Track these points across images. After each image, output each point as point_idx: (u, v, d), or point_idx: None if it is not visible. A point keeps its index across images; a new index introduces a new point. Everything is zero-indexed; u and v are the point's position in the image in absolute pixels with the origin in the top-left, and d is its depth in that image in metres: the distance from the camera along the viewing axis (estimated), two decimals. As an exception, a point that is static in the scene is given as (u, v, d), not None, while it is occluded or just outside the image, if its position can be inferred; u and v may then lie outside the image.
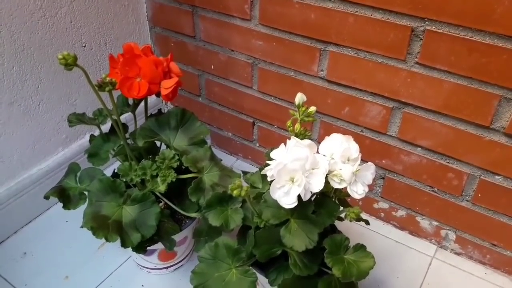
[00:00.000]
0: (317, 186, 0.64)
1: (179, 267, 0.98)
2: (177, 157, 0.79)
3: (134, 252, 0.84)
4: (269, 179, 0.65)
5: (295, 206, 0.67)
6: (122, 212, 0.76)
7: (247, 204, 0.76)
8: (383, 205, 1.07)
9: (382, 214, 1.09)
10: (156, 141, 0.88)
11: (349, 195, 0.68)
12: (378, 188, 1.05)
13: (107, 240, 0.73)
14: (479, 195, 0.90)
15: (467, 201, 0.93)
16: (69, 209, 0.80)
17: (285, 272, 0.75)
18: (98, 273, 0.97)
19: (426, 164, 0.94)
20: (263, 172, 0.66)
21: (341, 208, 0.74)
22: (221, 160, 0.85)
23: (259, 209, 0.70)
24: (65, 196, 0.81)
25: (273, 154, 0.66)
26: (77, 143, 1.18)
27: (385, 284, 0.94)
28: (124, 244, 0.75)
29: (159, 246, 0.88)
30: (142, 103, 0.87)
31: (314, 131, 1.08)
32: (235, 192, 0.61)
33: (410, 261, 1.00)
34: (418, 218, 1.03)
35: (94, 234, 0.73)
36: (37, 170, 1.09)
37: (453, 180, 0.92)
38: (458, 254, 1.01)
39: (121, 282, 0.95)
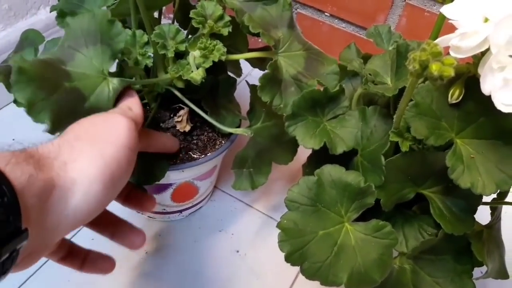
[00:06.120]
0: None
1: (196, 210, 0.65)
2: (228, 18, 0.43)
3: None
4: (468, 53, 0.32)
5: (473, 115, 0.37)
6: (100, 85, 0.38)
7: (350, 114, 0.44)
8: None
9: None
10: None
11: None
12: None
13: (30, 108, 0.36)
14: None
15: None
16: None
17: (413, 228, 0.45)
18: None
19: None
20: (453, 38, 0.32)
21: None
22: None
23: (404, 119, 0.38)
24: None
25: None
26: (27, 21, 0.77)
27: None
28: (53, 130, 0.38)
29: (176, 177, 0.55)
30: None
31: None
32: (435, 69, 0.28)
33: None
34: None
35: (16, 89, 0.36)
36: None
37: None
38: None
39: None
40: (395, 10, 0.72)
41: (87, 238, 0.45)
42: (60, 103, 0.35)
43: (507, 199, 0.45)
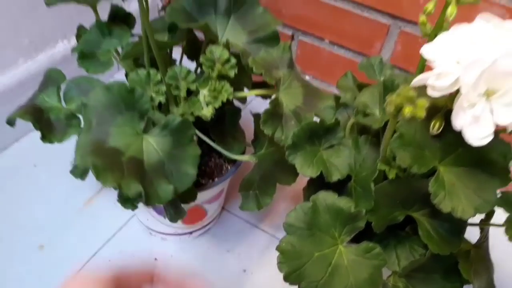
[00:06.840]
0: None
1: (205, 231, 0.69)
2: (234, 60, 0.48)
3: (153, 212, 0.55)
4: (442, 92, 0.36)
5: (452, 146, 0.41)
6: (143, 146, 0.45)
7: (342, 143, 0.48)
8: None
9: None
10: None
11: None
12: None
13: (120, 189, 0.42)
14: None
15: None
16: (51, 142, 0.48)
17: (405, 248, 0.48)
18: (86, 241, 0.66)
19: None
20: (429, 77, 0.36)
21: None
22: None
23: (390, 149, 0.42)
24: (43, 120, 0.48)
25: (446, 42, 0.37)
26: (46, 54, 0.83)
27: None
28: (149, 200, 0.44)
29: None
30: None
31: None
32: (408, 111, 0.32)
33: None
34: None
35: (98, 177, 0.41)
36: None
37: None
38: None
39: (121, 254, 0.65)
40: (391, 37, 0.76)
41: (105, 260, 0.49)
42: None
43: (496, 219, 0.48)
